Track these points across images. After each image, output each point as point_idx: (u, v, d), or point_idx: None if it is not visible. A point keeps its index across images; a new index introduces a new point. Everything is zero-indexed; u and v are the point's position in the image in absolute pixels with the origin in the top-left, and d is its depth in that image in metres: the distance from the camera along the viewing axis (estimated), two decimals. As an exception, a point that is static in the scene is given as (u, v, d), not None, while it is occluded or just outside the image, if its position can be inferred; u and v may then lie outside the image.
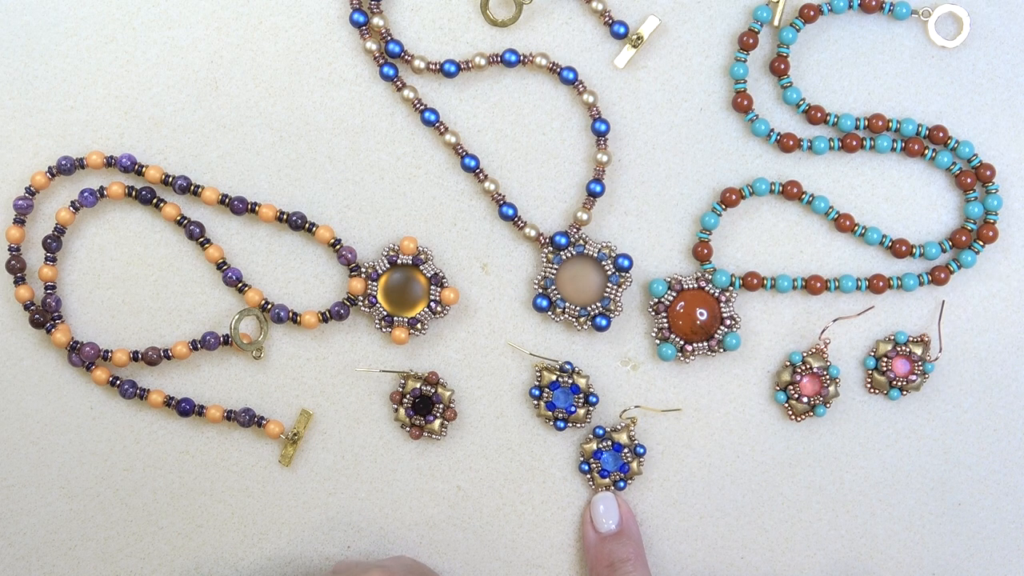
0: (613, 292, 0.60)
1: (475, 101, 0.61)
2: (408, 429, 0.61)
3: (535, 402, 0.61)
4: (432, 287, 0.60)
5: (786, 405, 0.61)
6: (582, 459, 0.61)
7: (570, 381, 0.60)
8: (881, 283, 0.61)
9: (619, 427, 0.61)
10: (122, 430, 0.61)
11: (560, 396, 0.60)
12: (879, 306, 0.62)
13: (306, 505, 0.62)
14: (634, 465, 0.61)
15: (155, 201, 0.60)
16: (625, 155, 0.61)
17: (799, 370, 0.61)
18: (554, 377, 0.60)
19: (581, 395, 0.60)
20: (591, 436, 0.61)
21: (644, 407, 0.62)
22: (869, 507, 0.63)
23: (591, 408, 0.61)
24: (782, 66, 0.60)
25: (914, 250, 0.61)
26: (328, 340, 0.61)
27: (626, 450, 0.61)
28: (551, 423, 0.61)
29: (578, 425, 0.61)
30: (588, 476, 0.61)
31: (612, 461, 0.61)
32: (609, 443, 0.61)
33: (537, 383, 0.61)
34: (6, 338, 0.61)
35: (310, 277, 0.61)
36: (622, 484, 0.61)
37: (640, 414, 0.62)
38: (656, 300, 0.60)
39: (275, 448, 0.62)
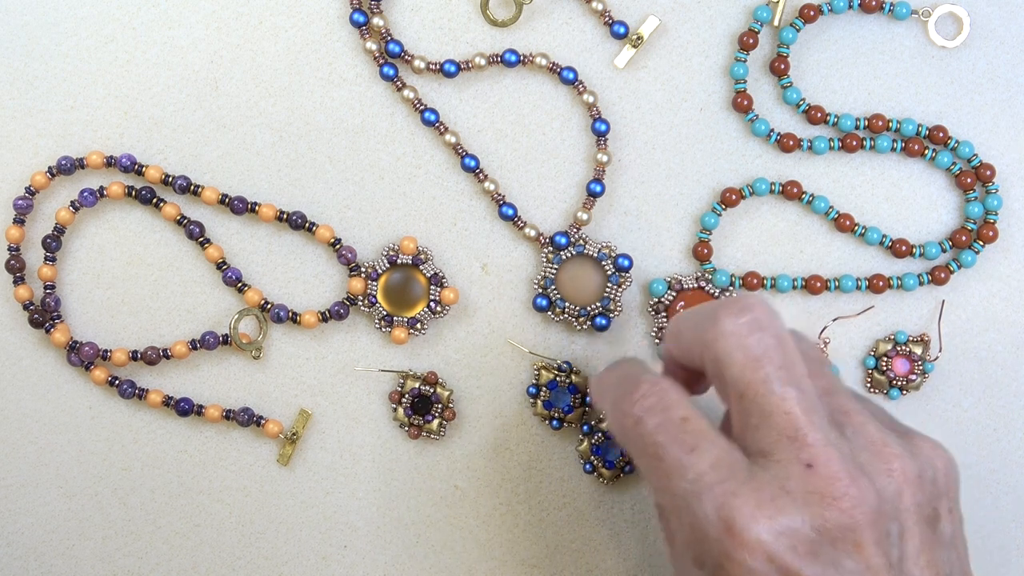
0: (613, 292, 0.60)
1: (475, 101, 0.61)
2: (407, 429, 0.61)
3: (532, 401, 0.61)
4: (432, 287, 0.60)
5: (786, 406, 0.61)
6: (583, 461, 0.61)
7: (568, 380, 0.60)
8: (881, 283, 0.61)
9: (602, 416, 0.61)
10: (121, 429, 0.61)
11: (557, 395, 0.60)
12: (879, 306, 0.62)
13: (304, 504, 0.62)
14: None
15: (155, 201, 0.60)
16: (625, 155, 0.61)
17: (798, 370, 0.61)
18: (552, 376, 0.60)
19: (579, 395, 0.60)
20: (581, 436, 0.61)
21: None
22: (869, 507, 0.62)
23: (589, 408, 0.61)
24: (782, 66, 0.60)
25: (914, 250, 0.61)
26: (328, 340, 0.61)
27: None
28: (547, 422, 0.61)
29: (575, 424, 0.61)
30: (595, 474, 0.61)
31: (610, 450, 0.61)
32: (600, 435, 0.60)
33: (535, 382, 0.61)
34: (5, 338, 0.61)
35: (310, 277, 0.61)
36: (629, 468, 0.61)
37: None
38: (656, 300, 0.60)
39: (274, 447, 0.62)
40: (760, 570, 0.41)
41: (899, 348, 0.61)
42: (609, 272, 0.60)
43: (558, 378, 0.60)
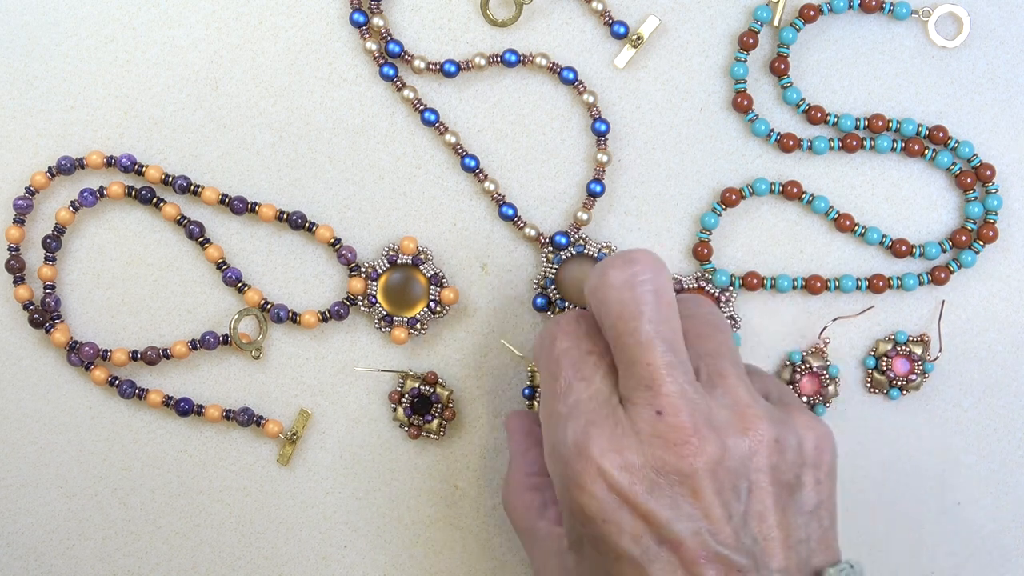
0: (613, 292, 0.60)
1: (475, 101, 0.61)
2: (406, 429, 0.61)
3: (528, 402, 0.61)
4: (432, 287, 0.60)
5: (786, 405, 0.61)
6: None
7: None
8: (881, 283, 0.61)
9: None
10: (121, 429, 0.61)
11: None
12: (879, 306, 0.62)
13: (304, 504, 0.62)
14: None
15: (155, 201, 0.60)
16: (625, 155, 0.61)
17: (799, 369, 0.61)
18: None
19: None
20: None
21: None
22: (869, 507, 0.62)
23: None
24: (782, 66, 0.60)
25: (914, 250, 0.61)
26: (327, 340, 0.61)
27: None
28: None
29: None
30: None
31: None
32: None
33: (529, 383, 0.61)
34: (5, 338, 0.61)
35: (310, 277, 0.61)
36: None
37: None
38: (656, 300, 0.60)
39: (273, 448, 0.62)
40: (600, 496, 0.45)
41: (899, 348, 0.61)
42: (609, 272, 0.60)
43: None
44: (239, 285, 0.60)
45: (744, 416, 0.47)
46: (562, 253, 0.60)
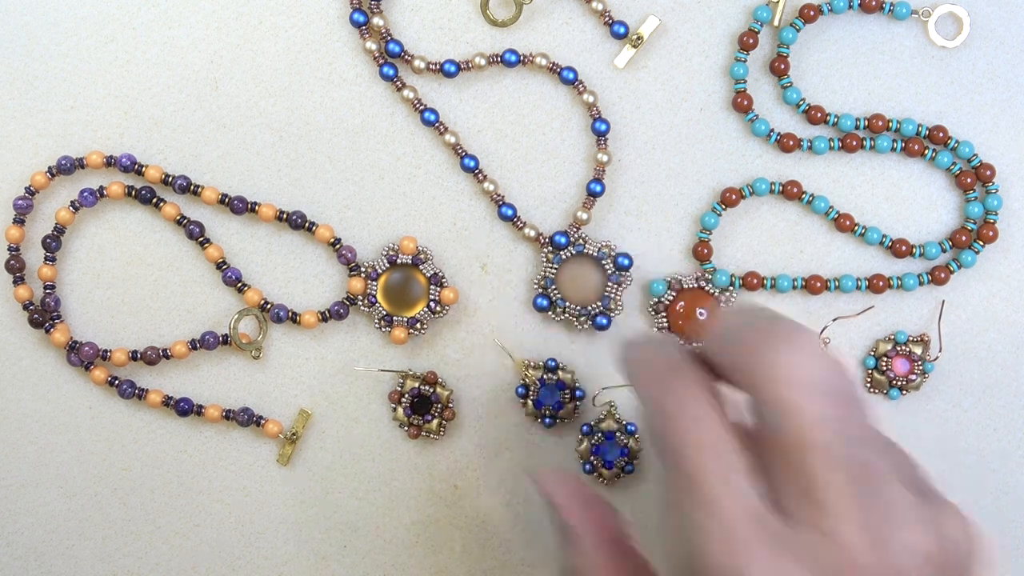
0: (613, 291, 0.60)
1: (475, 101, 0.61)
2: (406, 428, 0.61)
3: (522, 401, 0.60)
4: (432, 287, 0.60)
5: (786, 406, 0.61)
6: (583, 462, 0.61)
7: (555, 378, 0.60)
8: (881, 283, 0.61)
9: (602, 416, 0.61)
10: (121, 429, 0.61)
11: (546, 393, 0.60)
12: (879, 306, 0.62)
13: (304, 504, 0.62)
14: (632, 443, 0.61)
15: (155, 201, 0.60)
16: (625, 155, 0.61)
17: (798, 369, 0.61)
18: (540, 374, 0.60)
19: (567, 391, 0.60)
20: (580, 436, 0.61)
21: (610, 387, 0.61)
22: (869, 507, 0.62)
23: (578, 403, 0.61)
24: (782, 66, 0.60)
25: (914, 250, 0.61)
26: (327, 340, 0.61)
27: (618, 433, 0.60)
28: (540, 420, 0.61)
29: (567, 421, 0.61)
30: (595, 474, 0.61)
31: (610, 450, 0.61)
32: (600, 435, 0.60)
33: (523, 382, 0.60)
34: (5, 338, 0.61)
35: (310, 277, 0.61)
36: (630, 468, 0.61)
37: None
38: (656, 300, 0.60)
39: (273, 447, 0.62)
40: None
41: (899, 348, 0.61)
42: (609, 271, 0.60)
43: (546, 376, 0.60)
44: (239, 285, 0.60)
45: (905, 521, 0.38)
46: (562, 253, 0.60)
